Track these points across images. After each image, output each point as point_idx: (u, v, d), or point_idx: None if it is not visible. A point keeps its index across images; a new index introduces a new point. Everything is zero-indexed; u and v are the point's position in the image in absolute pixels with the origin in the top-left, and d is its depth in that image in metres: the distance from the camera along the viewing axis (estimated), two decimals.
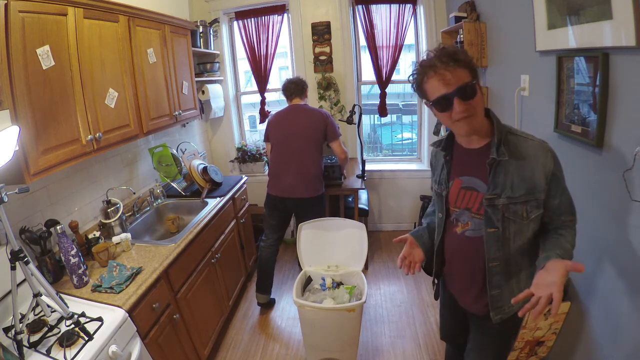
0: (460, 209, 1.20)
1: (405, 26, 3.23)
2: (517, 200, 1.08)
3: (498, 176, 1.09)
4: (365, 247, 2.22)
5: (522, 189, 1.07)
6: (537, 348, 1.77)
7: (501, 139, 1.09)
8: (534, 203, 1.09)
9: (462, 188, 1.19)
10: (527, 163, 1.07)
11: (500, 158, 1.07)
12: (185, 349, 1.86)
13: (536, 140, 1.11)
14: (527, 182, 1.07)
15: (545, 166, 1.07)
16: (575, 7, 1.40)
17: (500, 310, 1.22)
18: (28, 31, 1.29)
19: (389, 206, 3.73)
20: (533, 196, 1.08)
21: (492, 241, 1.14)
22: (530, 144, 1.10)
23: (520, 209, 1.09)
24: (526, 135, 1.13)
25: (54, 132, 1.42)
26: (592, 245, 1.50)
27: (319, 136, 2.47)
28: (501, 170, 1.08)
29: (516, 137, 1.11)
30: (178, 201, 2.54)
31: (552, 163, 1.08)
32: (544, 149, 1.09)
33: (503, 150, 1.07)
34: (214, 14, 3.37)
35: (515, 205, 1.08)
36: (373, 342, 2.33)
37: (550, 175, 1.08)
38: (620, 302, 1.35)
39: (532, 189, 1.07)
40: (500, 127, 1.11)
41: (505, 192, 1.08)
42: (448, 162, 1.23)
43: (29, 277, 1.22)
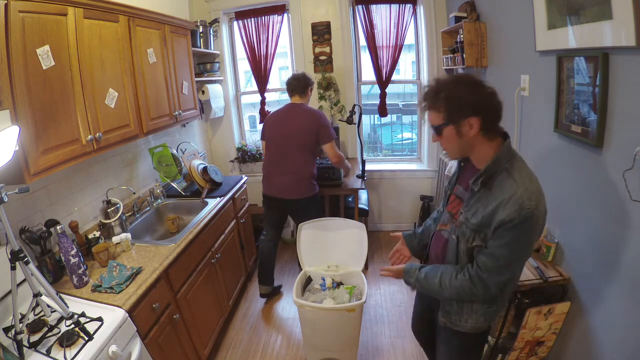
0: (447, 211, 1.31)
1: (405, 26, 3.23)
2: (469, 225, 1.14)
3: (472, 199, 1.16)
4: (365, 247, 2.22)
5: (477, 220, 1.11)
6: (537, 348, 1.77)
7: (487, 173, 1.10)
8: (482, 235, 1.12)
9: (455, 194, 1.29)
10: (494, 202, 1.07)
11: (473, 187, 1.14)
12: (185, 349, 1.86)
13: (520, 190, 1.03)
14: (484, 218, 1.09)
15: (502, 213, 1.03)
16: (575, 7, 1.40)
17: (447, 315, 1.31)
18: (28, 31, 1.29)
19: (389, 206, 3.73)
20: (483, 230, 1.11)
21: (451, 247, 1.24)
22: (511, 190, 1.04)
23: (468, 233, 1.15)
24: (519, 180, 1.05)
25: (54, 132, 1.42)
26: (592, 245, 1.50)
27: (311, 138, 2.43)
28: (476, 195, 1.14)
29: (508, 177, 1.07)
30: (178, 201, 2.54)
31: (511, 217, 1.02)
32: (516, 202, 1.02)
33: (479, 182, 1.11)
34: (214, 14, 3.37)
35: (466, 228, 1.16)
36: (373, 342, 2.33)
37: (501, 222, 1.04)
38: (620, 302, 1.35)
39: (485, 224, 1.09)
40: (499, 160, 1.09)
41: (467, 214, 1.16)
42: (461, 168, 1.32)
43: (29, 277, 1.22)
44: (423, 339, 1.72)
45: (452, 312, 1.28)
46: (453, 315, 1.29)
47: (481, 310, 1.24)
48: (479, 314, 1.24)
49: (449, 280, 1.19)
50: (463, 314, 1.26)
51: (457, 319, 1.28)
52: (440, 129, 1.12)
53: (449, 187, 1.37)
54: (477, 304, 1.24)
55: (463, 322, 1.27)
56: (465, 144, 1.12)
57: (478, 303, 1.23)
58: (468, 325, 1.27)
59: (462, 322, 1.27)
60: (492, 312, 1.26)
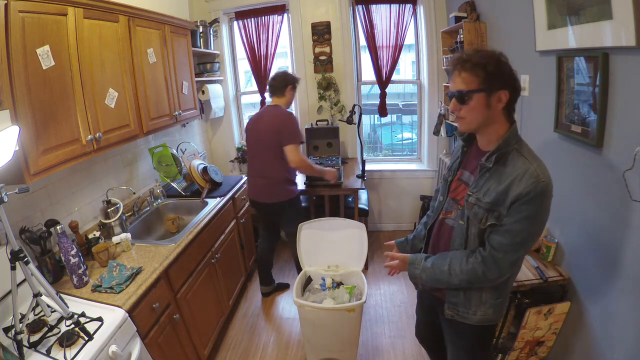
0: (450, 198, 1.29)
1: (405, 26, 3.23)
2: (482, 205, 1.12)
3: (482, 179, 1.15)
4: (365, 247, 2.22)
5: (491, 198, 1.10)
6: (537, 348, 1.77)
7: (500, 151, 1.10)
8: (495, 214, 1.10)
9: (459, 179, 1.27)
10: (508, 177, 1.07)
11: (487, 165, 1.12)
12: (185, 349, 1.86)
13: (533, 166, 1.05)
14: (498, 194, 1.08)
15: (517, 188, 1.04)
16: (575, 7, 1.40)
17: (454, 307, 1.28)
18: (28, 31, 1.29)
19: (389, 206, 3.73)
20: (497, 208, 1.09)
21: (459, 233, 1.21)
22: (524, 166, 1.06)
23: (481, 213, 1.13)
24: (530, 159, 1.08)
25: (54, 132, 1.42)
26: (592, 245, 1.50)
27: (275, 140, 2.32)
28: (487, 175, 1.14)
29: (518, 156, 1.09)
30: (178, 201, 2.54)
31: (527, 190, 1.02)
32: (532, 175, 1.04)
33: (492, 159, 1.11)
34: (214, 14, 3.37)
35: (478, 207, 1.13)
36: (373, 342, 2.33)
37: (517, 197, 1.04)
38: (620, 302, 1.35)
39: (499, 201, 1.08)
40: (509, 142, 1.10)
41: (478, 194, 1.14)
42: (464, 153, 1.30)
43: (29, 277, 1.22)
44: (430, 344, 1.68)
45: (459, 303, 1.25)
46: (460, 307, 1.26)
47: (490, 301, 1.21)
48: (487, 306, 1.22)
49: (459, 266, 1.16)
50: (471, 305, 1.23)
51: (465, 311, 1.25)
52: (470, 94, 1.08)
53: (449, 174, 1.34)
54: (486, 294, 1.21)
55: (471, 315, 1.24)
56: (488, 117, 1.10)
57: (487, 293, 1.21)
58: (477, 317, 1.24)
59: (471, 315, 1.24)
60: (500, 304, 1.24)
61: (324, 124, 3.35)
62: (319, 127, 3.32)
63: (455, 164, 1.33)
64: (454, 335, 1.37)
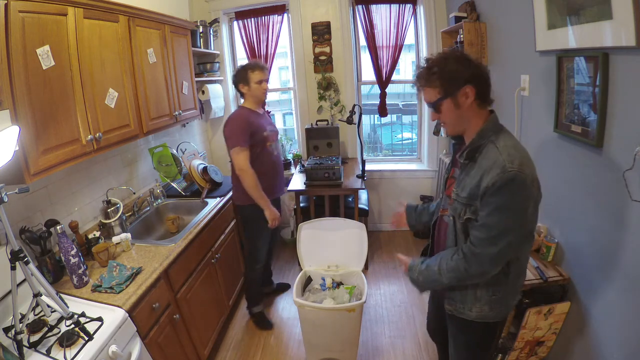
0: (446, 195, 1.31)
1: (405, 26, 3.23)
2: (460, 200, 1.15)
3: (462, 174, 1.18)
4: (365, 247, 2.22)
5: (466, 192, 1.13)
6: (537, 348, 1.77)
7: (473, 145, 1.13)
8: (472, 208, 1.12)
9: (452, 177, 1.29)
10: (479, 172, 1.09)
11: (460, 160, 1.17)
12: (185, 349, 1.86)
13: (502, 156, 1.05)
14: (472, 189, 1.11)
15: (486, 181, 1.05)
16: (575, 7, 1.40)
17: (452, 302, 1.30)
18: (28, 31, 1.29)
19: (389, 206, 3.73)
20: (473, 202, 1.12)
21: (450, 228, 1.23)
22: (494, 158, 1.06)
23: (459, 208, 1.16)
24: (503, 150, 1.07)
25: (54, 132, 1.42)
26: (592, 245, 1.50)
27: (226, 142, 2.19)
28: (465, 170, 1.17)
29: (493, 147, 1.09)
30: (178, 201, 2.54)
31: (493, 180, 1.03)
32: (498, 166, 1.03)
33: (464, 155, 1.15)
34: (214, 14, 3.37)
35: (458, 203, 1.17)
36: (373, 342, 2.33)
37: (485, 189, 1.05)
38: (620, 302, 1.35)
39: (474, 195, 1.11)
40: (483, 135, 1.12)
41: (457, 190, 1.18)
42: (455, 151, 1.33)
43: (29, 277, 1.22)
44: (440, 338, 1.66)
45: (457, 299, 1.27)
46: (458, 303, 1.28)
47: (485, 297, 1.21)
48: (483, 302, 1.22)
49: (445, 264, 1.18)
50: (467, 301, 1.25)
51: (462, 307, 1.26)
52: (438, 104, 1.14)
53: (446, 171, 1.37)
54: (480, 291, 1.21)
55: (467, 311, 1.25)
56: (463, 116, 1.14)
57: (481, 289, 1.21)
58: (473, 314, 1.25)
59: (467, 311, 1.26)
60: (498, 301, 1.21)
61: (324, 124, 3.34)
62: (319, 127, 3.32)
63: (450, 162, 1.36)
64: (455, 330, 1.38)
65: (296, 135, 3.82)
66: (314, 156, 3.33)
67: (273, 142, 2.32)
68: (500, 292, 1.22)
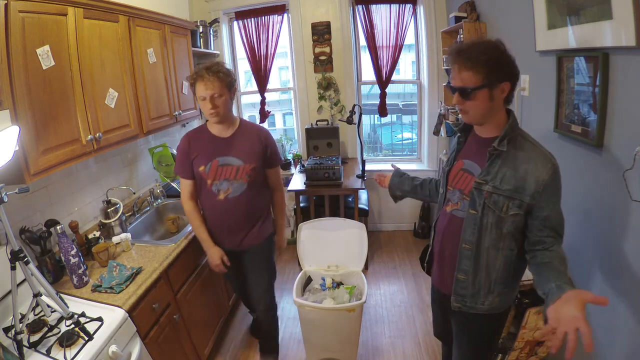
0: (454, 189, 1.28)
1: (405, 26, 3.23)
2: (501, 192, 1.12)
3: (494, 166, 1.14)
4: (365, 247, 2.22)
5: (510, 185, 1.11)
6: (537, 348, 1.77)
7: (508, 135, 1.13)
8: (516, 202, 1.11)
9: (462, 170, 1.26)
10: (524, 164, 1.10)
11: (500, 149, 1.12)
12: (185, 349, 1.86)
13: (544, 150, 1.12)
14: (517, 181, 1.10)
15: (539, 174, 1.08)
16: (575, 7, 1.40)
17: (461, 299, 1.28)
18: (28, 31, 1.29)
19: (389, 206, 3.73)
20: (518, 195, 1.11)
21: (470, 222, 1.19)
22: (536, 151, 1.12)
23: (501, 201, 1.13)
24: (536, 143, 1.14)
25: (54, 132, 1.42)
26: (592, 245, 1.50)
27: None
28: (498, 161, 1.14)
29: (525, 141, 1.14)
30: (178, 201, 2.53)
31: (548, 175, 1.08)
32: (546, 159, 1.10)
33: (505, 143, 1.12)
34: (214, 14, 3.37)
35: (498, 196, 1.13)
36: (373, 342, 2.33)
37: (542, 185, 1.08)
38: (620, 302, 1.35)
39: (519, 188, 1.10)
40: (513, 127, 1.14)
41: (494, 182, 1.13)
42: (460, 144, 1.31)
43: (29, 277, 1.22)
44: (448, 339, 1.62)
45: (467, 295, 1.26)
46: (468, 299, 1.26)
47: (498, 290, 1.22)
48: (495, 294, 1.23)
49: (564, 268, 1.07)
50: (479, 296, 1.24)
51: (473, 302, 1.26)
52: (474, 91, 1.07)
53: (447, 164, 1.33)
54: (494, 284, 1.22)
55: (479, 305, 1.25)
56: (491, 109, 1.11)
57: (495, 283, 1.22)
58: (485, 307, 1.25)
59: (479, 305, 1.25)
60: (507, 292, 1.26)
61: (324, 124, 3.35)
62: (319, 127, 3.32)
63: (452, 156, 1.33)
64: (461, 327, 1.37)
65: (296, 135, 3.82)
66: (314, 156, 3.34)
67: (218, 180, 1.73)
68: (512, 284, 1.26)
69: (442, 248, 1.34)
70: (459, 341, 1.41)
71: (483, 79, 1.06)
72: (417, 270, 3.03)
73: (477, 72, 1.06)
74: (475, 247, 1.20)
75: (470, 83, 1.07)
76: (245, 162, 1.73)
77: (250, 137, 1.79)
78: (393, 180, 1.63)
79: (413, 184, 1.59)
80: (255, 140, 1.79)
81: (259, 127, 1.90)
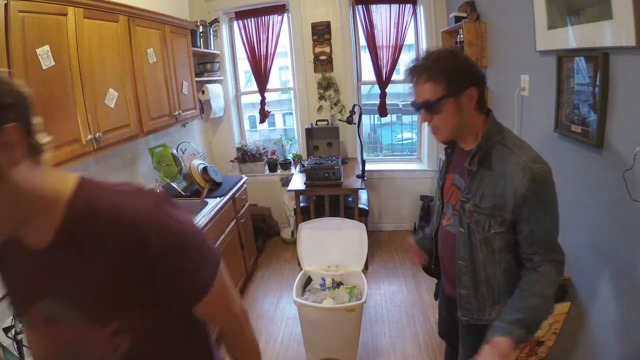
0: (447, 203, 1.24)
1: (405, 26, 3.23)
2: (482, 211, 1.07)
3: (473, 183, 1.09)
4: (365, 247, 2.22)
5: (489, 203, 1.05)
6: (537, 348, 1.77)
7: (481, 149, 1.06)
8: (498, 219, 1.05)
9: (452, 184, 1.22)
10: (501, 180, 1.03)
11: (470, 168, 1.08)
12: None
13: (522, 158, 1.01)
14: (496, 198, 1.04)
15: (516, 188, 1.00)
16: (575, 7, 1.40)
17: (468, 312, 1.24)
18: (28, 31, 1.29)
19: (389, 206, 3.73)
20: (499, 213, 1.05)
21: (462, 241, 1.15)
22: (512, 161, 1.02)
23: (483, 219, 1.08)
24: (517, 149, 1.03)
25: (54, 132, 1.41)
26: (591, 245, 1.50)
27: None
28: (477, 177, 1.08)
29: (503, 149, 1.05)
30: (178, 201, 2.54)
31: (525, 187, 0.99)
32: (523, 170, 0.99)
33: (475, 161, 1.07)
34: (214, 14, 3.37)
35: (479, 214, 1.08)
36: (373, 342, 2.33)
37: (520, 199, 1.00)
38: (620, 302, 1.35)
39: (499, 205, 1.04)
40: (489, 135, 1.06)
41: (474, 200, 1.08)
42: (449, 155, 1.27)
43: None
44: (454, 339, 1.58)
45: (473, 309, 1.22)
46: (474, 312, 1.22)
47: (504, 299, 1.15)
48: (502, 304, 1.16)
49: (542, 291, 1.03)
50: (485, 308, 1.20)
51: (480, 314, 1.21)
52: (438, 103, 1.01)
53: (440, 178, 1.29)
54: (501, 295, 1.17)
55: (487, 316, 1.20)
56: (462, 120, 1.05)
57: (501, 293, 1.17)
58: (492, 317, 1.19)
59: (486, 316, 1.20)
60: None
61: (324, 124, 3.35)
62: (319, 127, 3.32)
63: (443, 169, 1.29)
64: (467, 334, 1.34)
65: (296, 135, 3.82)
66: (314, 156, 3.34)
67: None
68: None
69: (442, 259, 1.33)
70: (465, 341, 1.39)
71: (444, 88, 1.00)
72: (417, 270, 3.02)
73: (437, 82, 1.01)
74: (470, 264, 1.16)
75: (433, 95, 1.02)
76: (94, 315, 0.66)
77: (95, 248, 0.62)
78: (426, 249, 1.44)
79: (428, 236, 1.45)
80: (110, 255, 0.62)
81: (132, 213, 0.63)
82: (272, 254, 3.49)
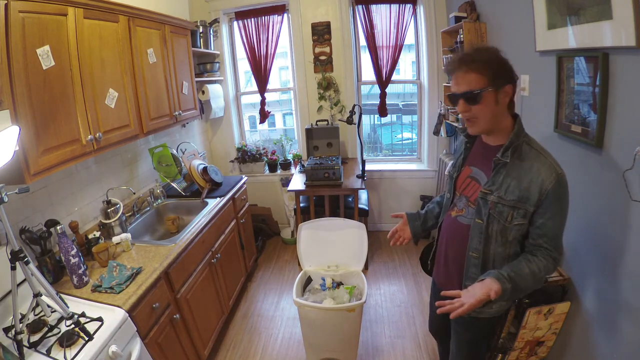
0: (461, 195, 1.29)
1: (405, 26, 3.23)
2: (506, 202, 1.14)
3: (498, 176, 1.15)
4: (365, 247, 2.22)
5: (514, 195, 1.12)
6: (537, 348, 1.77)
7: (513, 144, 1.13)
8: (521, 212, 1.13)
9: (469, 177, 1.27)
10: (528, 174, 1.10)
11: (503, 160, 1.13)
12: (185, 349, 1.86)
13: (549, 160, 1.11)
14: (522, 192, 1.11)
15: (543, 183, 1.08)
16: (575, 7, 1.40)
17: None
18: (28, 31, 1.29)
19: (389, 206, 3.73)
20: (522, 205, 1.12)
21: (477, 231, 1.21)
22: (540, 160, 1.11)
23: (506, 211, 1.14)
24: (543, 152, 1.13)
25: (54, 132, 1.42)
26: (592, 245, 1.50)
27: None
28: (503, 171, 1.14)
29: (530, 149, 1.13)
30: (178, 201, 2.54)
31: (552, 185, 1.08)
32: (550, 168, 1.09)
33: (508, 154, 1.12)
34: (214, 14, 3.37)
35: (502, 206, 1.14)
36: (373, 342, 2.33)
37: (545, 194, 1.09)
38: (620, 302, 1.35)
39: (523, 198, 1.11)
40: (519, 134, 1.14)
41: (499, 192, 1.14)
42: (467, 149, 1.31)
43: (29, 277, 1.22)
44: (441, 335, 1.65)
45: None
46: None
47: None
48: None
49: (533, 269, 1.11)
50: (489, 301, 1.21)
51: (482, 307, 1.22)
52: (480, 93, 1.07)
53: (454, 170, 1.34)
54: None
55: (488, 309, 1.26)
56: (498, 114, 1.12)
57: None
58: (493, 310, 1.26)
59: (487, 309, 1.26)
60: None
61: (324, 124, 3.35)
62: (319, 127, 3.32)
63: (459, 160, 1.33)
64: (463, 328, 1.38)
65: (296, 135, 3.82)
66: (314, 156, 3.34)
67: None
68: None
69: (446, 250, 1.35)
70: (458, 338, 1.41)
71: (489, 80, 1.07)
72: (417, 270, 3.03)
73: (483, 74, 1.07)
74: (482, 255, 1.21)
75: (477, 85, 1.07)
76: None
77: None
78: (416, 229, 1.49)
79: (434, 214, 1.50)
80: None
81: None
82: (272, 254, 3.50)
